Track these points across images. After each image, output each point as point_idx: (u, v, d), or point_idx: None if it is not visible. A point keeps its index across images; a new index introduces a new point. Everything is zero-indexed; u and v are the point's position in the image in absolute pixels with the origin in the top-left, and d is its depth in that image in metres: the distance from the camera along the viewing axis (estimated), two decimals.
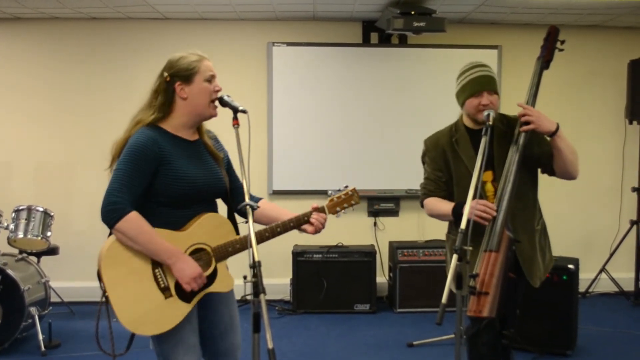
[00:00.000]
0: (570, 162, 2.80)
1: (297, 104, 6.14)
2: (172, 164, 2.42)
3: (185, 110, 2.50)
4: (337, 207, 2.65)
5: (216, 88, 2.53)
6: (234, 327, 2.67)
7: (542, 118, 2.74)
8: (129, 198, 2.32)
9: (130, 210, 2.32)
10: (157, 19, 6.09)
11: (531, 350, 4.43)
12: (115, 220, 2.30)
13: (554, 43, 2.97)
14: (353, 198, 2.67)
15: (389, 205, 6.26)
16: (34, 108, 6.12)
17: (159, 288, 2.40)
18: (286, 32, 6.18)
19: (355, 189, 2.68)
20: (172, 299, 2.40)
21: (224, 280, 2.49)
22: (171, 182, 2.41)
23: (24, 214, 4.85)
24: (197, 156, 2.54)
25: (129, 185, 2.34)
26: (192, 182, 2.45)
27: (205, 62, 2.53)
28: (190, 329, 2.47)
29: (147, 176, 2.38)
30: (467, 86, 2.88)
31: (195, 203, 2.49)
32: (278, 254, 5.66)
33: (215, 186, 2.55)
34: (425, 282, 5.60)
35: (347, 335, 5.10)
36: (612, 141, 6.41)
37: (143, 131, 2.44)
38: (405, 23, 5.25)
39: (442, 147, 3.01)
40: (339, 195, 2.66)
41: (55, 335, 4.75)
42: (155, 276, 2.39)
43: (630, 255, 6.18)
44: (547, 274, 2.99)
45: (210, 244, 2.46)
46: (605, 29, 6.37)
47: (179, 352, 2.45)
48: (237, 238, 2.49)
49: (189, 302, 2.43)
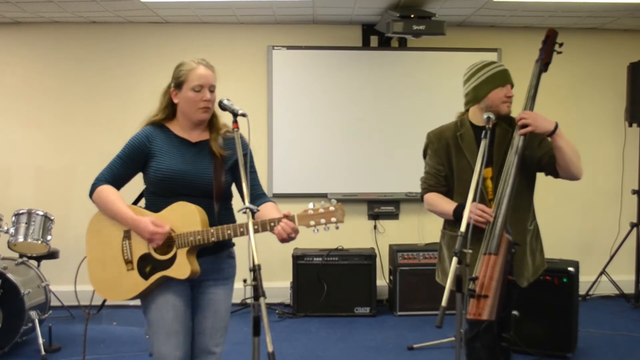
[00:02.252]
0: (572, 161, 2.81)
1: (297, 107, 6.15)
2: (158, 159, 2.63)
3: (181, 113, 2.68)
4: (310, 220, 2.45)
5: (204, 98, 2.58)
6: (213, 331, 2.71)
7: (539, 119, 2.77)
8: (108, 177, 2.65)
9: (103, 184, 2.64)
10: (157, 23, 6.10)
11: (531, 352, 4.43)
12: (91, 193, 2.66)
13: (552, 46, 3.00)
14: (334, 215, 2.43)
15: (389, 208, 6.26)
16: (34, 112, 6.12)
17: (124, 259, 2.62)
18: (286, 35, 6.19)
19: (341, 207, 2.45)
20: (133, 272, 2.59)
21: (179, 268, 2.54)
22: (154, 174, 2.63)
23: (24, 218, 4.84)
24: (192, 154, 2.66)
25: (113, 167, 2.66)
26: (172, 177, 2.60)
27: (197, 71, 2.59)
28: (173, 316, 2.59)
29: (135, 164, 2.66)
30: (493, 78, 2.92)
31: (180, 196, 2.60)
32: (278, 257, 5.66)
33: (200, 183, 2.62)
34: (426, 285, 5.58)
35: (347, 339, 5.09)
36: (612, 144, 6.41)
37: (144, 128, 2.70)
38: (404, 26, 5.26)
39: (446, 140, 3.04)
40: (317, 208, 2.45)
41: (56, 339, 4.75)
42: (122, 247, 2.63)
43: (630, 258, 6.17)
44: (536, 276, 3.00)
45: (175, 230, 2.55)
46: (604, 31, 6.38)
47: (161, 337, 2.59)
48: (200, 230, 2.51)
49: (146, 280, 2.57)
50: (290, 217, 2.46)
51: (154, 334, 2.61)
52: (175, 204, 2.58)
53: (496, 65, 2.97)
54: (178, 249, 2.53)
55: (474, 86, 2.97)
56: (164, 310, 2.58)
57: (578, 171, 2.86)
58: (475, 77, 2.96)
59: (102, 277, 2.66)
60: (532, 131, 2.77)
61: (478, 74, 2.95)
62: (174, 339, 2.58)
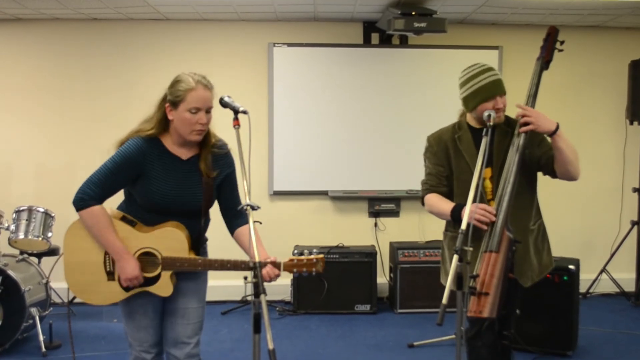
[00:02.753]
0: (570, 162, 2.80)
1: (298, 104, 6.15)
2: (149, 178, 2.61)
3: (174, 130, 2.64)
4: (294, 268, 2.67)
5: (200, 121, 2.56)
6: (185, 319, 2.75)
7: (541, 118, 2.76)
8: (100, 193, 2.58)
9: (94, 204, 2.57)
10: (158, 20, 6.09)
11: (532, 350, 4.43)
12: (79, 208, 2.58)
13: (554, 43, 2.98)
14: (316, 266, 2.67)
15: (390, 205, 6.26)
16: (35, 109, 6.12)
17: (105, 270, 2.66)
18: (287, 32, 6.18)
19: (323, 259, 2.70)
20: (114, 283, 2.65)
21: (163, 287, 2.64)
22: (145, 193, 2.62)
23: (24, 215, 4.84)
24: (182, 174, 2.67)
25: (105, 182, 2.58)
26: (164, 199, 2.62)
27: (196, 92, 2.55)
28: (142, 316, 2.73)
29: (126, 180, 2.63)
30: (479, 92, 2.88)
31: (168, 214, 2.65)
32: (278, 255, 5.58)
33: (188, 203, 2.67)
34: (426, 282, 5.59)
35: (347, 336, 5.10)
36: (613, 142, 6.41)
37: (138, 141, 2.62)
38: (406, 24, 5.25)
39: (445, 143, 3.04)
40: (301, 259, 2.66)
41: (56, 336, 4.75)
42: (105, 258, 2.65)
43: (630, 256, 6.18)
44: (542, 276, 2.99)
45: (162, 252, 2.62)
46: (605, 29, 6.37)
47: (132, 330, 2.76)
48: (188, 257, 2.61)
49: (127, 292, 2.66)
50: (277, 264, 2.63)
51: (128, 328, 2.78)
52: (165, 228, 2.63)
53: (485, 77, 2.88)
54: (163, 270, 2.63)
55: (464, 97, 2.96)
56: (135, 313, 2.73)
57: (576, 172, 2.85)
58: (465, 88, 2.93)
59: (80, 280, 2.68)
60: (533, 129, 2.76)
61: (468, 84, 2.92)
62: (144, 331, 2.75)
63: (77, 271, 2.67)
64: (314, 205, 6.25)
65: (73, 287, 2.68)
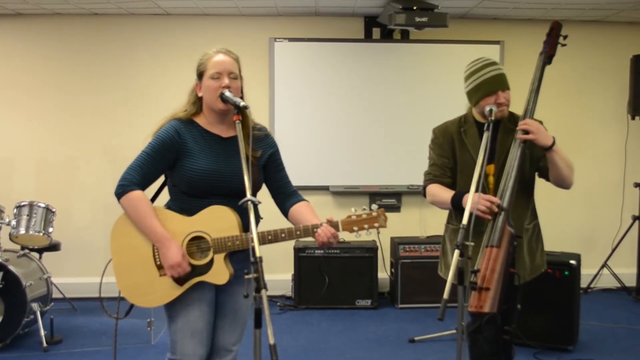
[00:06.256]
0: (565, 175, 2.84)
1: (299, 99, 6.14)
2: (190, 157, 2.53)
3: (205, 106, 2.61)
4: (354, 226, 2.49)
5: (222, 84, 2.53)
6: (235, 321, 2.67)
7: (541, 131, 2.78)
8: (139, 178, 2.49)
9: (134, 189, 2.48)
10: (159, 15, 6.08)
11: (533, 345, 4.43)
12: (119, 195, 2.49)
13: (557, 38, 2.97)
14: (377, 220, 2.49)
15: (391, 200, 6.26)
16: (35, 104, 6.12)
17: (156, 265, 2.51)
18: (288, 27, 6.17)
19: (384, 212, 2.49)
20: (166, 278, 2.50)
21: (218, 273, 2.49)
22: (186, 174, 2.52)
23: (25, 210, 4.85)
24: (224, 153, 2.58)
25: (144, 167, 2.51)
26: (206, 177, 2.52)
27: (215, 58, 2.57)
28: (199, 315, 2.54)
29: (166, 163, 2.54)
30: (481, 86, 2.88)
31: (212, 196, 2.53)
32: (279, 250, 5.61)
33: (232, 181, 2.53)
34: (427, 277, 5.59)
35: (348, 331, 5.10)
36: (615, 136, 6.40)
37: (173, 122, 2.58)
38: (407, 18, 5.24)
39: (451, 135, 3.04)
40: (360, 214, 2.49)
41: (57, 331, 4.77)
42: (153, 251, 2.52)
43: (632, 251, 6.18)
44: (533, 277, 3.00)
45: (211, 234, 2.49)
46: (607, 24, 6.35)
47: (185, 335, 2.54)
48: (238, 234, 2.48)
49: (181, 285, 2.50)
50: (334, 223, 2.47)
51: (179, 331, 2.55)
52: (210, 207, 2.50)
53: (487, 71, 2.88)
54: (215, 254, 2.48)
55: (467, 91, 2.96)
56: (190, 308, 2.53)
57: (569, 184, 2.89)
58: (469, 81, 2.93)
59: (131, 282, 2.53)
60: (531, 140, 2.76)
61: (471, 78, 2.92)
62: (198, 337, 2.55)
63: (126, 273, 2.53)
64: (315, 200, 6.17)
65: (125, 291, 2.52)
